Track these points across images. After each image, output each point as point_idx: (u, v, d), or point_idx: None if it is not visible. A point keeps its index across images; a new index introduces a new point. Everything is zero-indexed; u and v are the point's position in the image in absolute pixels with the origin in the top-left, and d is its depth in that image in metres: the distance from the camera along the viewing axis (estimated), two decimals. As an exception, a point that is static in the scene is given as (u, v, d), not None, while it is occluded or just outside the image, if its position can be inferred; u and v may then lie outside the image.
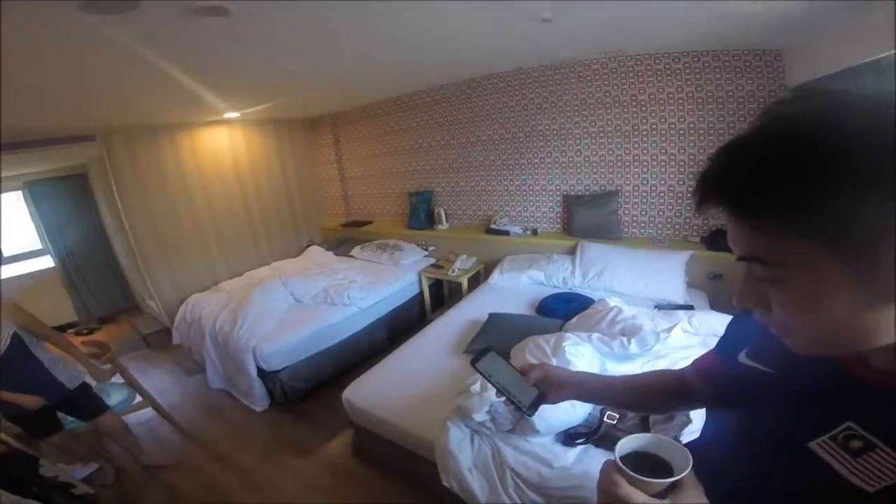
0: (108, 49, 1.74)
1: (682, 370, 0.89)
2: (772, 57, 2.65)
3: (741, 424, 0.63)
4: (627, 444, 0.59)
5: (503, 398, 0.87)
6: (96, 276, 5.31)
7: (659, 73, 3.02)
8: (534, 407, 0.86)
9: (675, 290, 2.86)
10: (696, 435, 0.89)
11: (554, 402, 0.89)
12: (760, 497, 0.57)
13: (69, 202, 5.01)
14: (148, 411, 3.01)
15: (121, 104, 2.90)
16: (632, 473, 0.53)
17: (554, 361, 1.88)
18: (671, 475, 0.54)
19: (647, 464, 0.57)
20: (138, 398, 2.86)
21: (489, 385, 0.89)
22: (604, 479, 0.57)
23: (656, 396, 0.92)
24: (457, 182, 4.30)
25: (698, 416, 1.52)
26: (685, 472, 0.53)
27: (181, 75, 2.32)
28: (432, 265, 4.17)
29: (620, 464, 0.55)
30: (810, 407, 0.53)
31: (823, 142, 0.38)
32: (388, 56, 2.66)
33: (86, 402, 2.34)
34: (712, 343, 2.16)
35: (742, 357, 0.66)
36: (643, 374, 0.97)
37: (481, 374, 0.88)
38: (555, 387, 0.88)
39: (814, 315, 0.43)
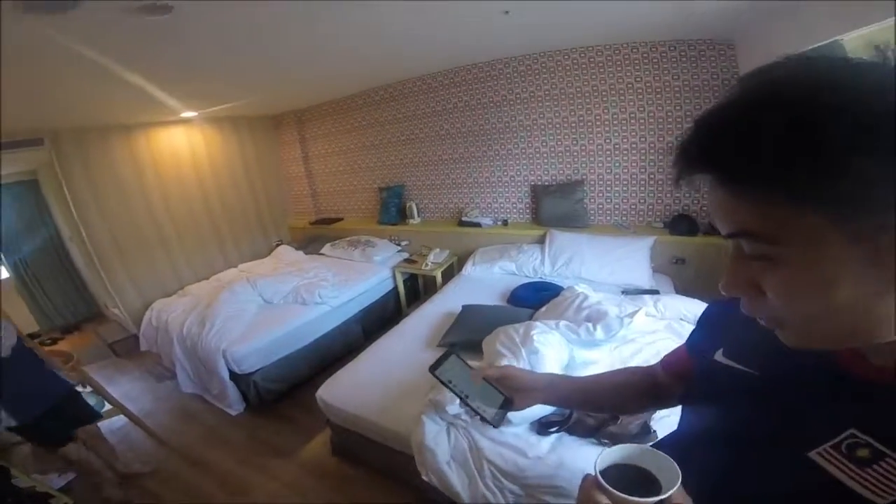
0: (51, 49, 1.68)
1: (651, 367, 0.87)
2: (724, 47, 2.74)
3: (723, 425, 0.59)
4: (609, 456, 0.54)
5: (466, 408, 0.81)
6: (54, 284, 5.09)
7: (618, 63, 3.09)
8: (500, 416, 0.80)
9: (641, 275, 2.95)
10: (670, 420, 0.90)
11: (521, 408, 0.83)
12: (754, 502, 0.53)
13: (19, 210, 4.76)
14: (119, 419, 2.92)
15: (68, 106, 2.80)
16: (614, 491, 0.48)
17: (524, 351, 1.92)
18: (658, 490, 0.49)
19: (631, 478, 0.51)
20: (107, 406, 2.78)
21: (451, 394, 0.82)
22: (583, 496, 0.52)
23: (629, 397, 0.88)
24: (427, 176, 4.30)
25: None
26: (674, 488, 0.47)
27: (129, 75, 2.25)
28: (406, 260, 4.17)
29: (601, 479, 0.50)
30: (804, 411, 0.49)
31: (848, 109, 0.33)
32: (351, 50, 2.63)
33: (82, 406, 2.41)
34: (678, 327, 2.27)
35: (718, 356, 0.62)
36: (613, 372, 0.94)
37: (441, 382, 0.81)
38: (520, 392, 0.83)
39: (816, 301, 0.38)
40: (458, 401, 1.72)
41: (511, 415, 1.70)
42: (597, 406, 0.98)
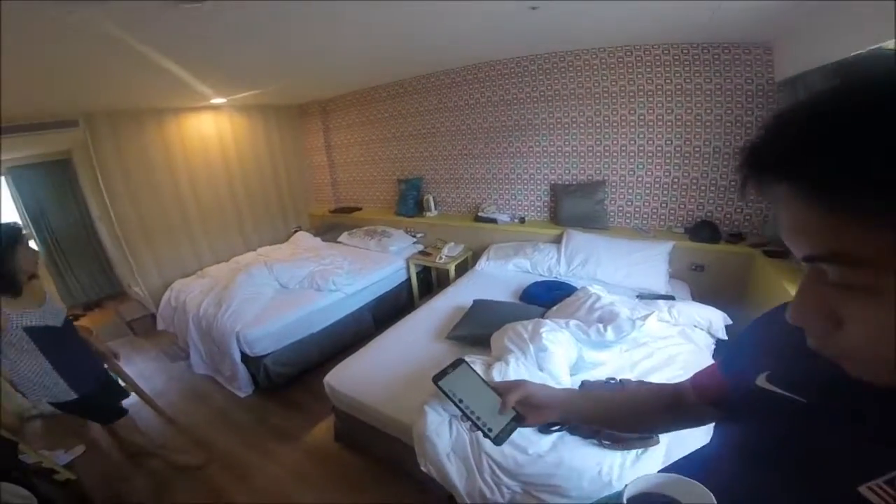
0: (89, 34, 1.73)
1: (678, 386, 0.81)
2: (761, 51, 2.65)
3: (765, 453, 0.55)
4: (637, 485, 0.50)
5: (468, 423, 0.75)
6: (81, 261, 5.25)
7: (648, 64, 3.02)
8: (504, 434, 0.74)
9: (658, 280, 2.89)
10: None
11: (533, 425, 0.79)
12: None
13: (53, 188, 4.93)
14: (132, 397, 2.96)
15: (104, 89, 2.87)
16: None
17: (532, 348, 1.89)
18: None
19: None
20: (121, 383, 2.82)
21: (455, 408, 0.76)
22: None
23: (653, 415, 0.83)
24: (446, 170, 4.29)
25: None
26: None
27: (163, 61, 2.30)
28: (420, 252, 4.18)
29: None
30: (856, 444, 0.45)
31: None
32: (377, 44, 2.66)
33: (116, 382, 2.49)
34: (691, 333, 2.20)
35: (762, 381, 0.57)
36: (634, 390, 0.88)
37: (445, 394, 0.75)
38: (535, 408, 0.78)
39: None
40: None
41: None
42: (618, 425, 0.89)
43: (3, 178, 4.58)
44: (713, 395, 0.72)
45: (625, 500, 0.47)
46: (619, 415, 0.84)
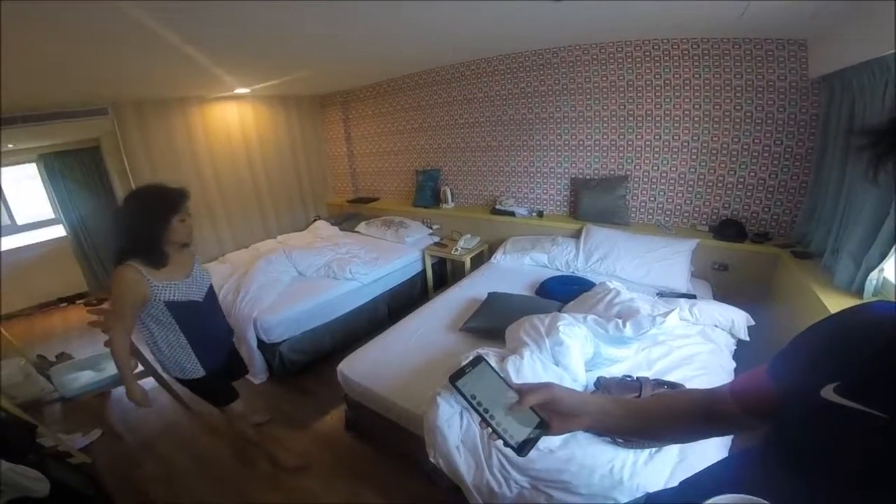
0: (118, 23, 1.75)
1: (715, 392, 0.76)
2: (795, 47, 2.54)
3: (829, 468, 0.50)
4: None
5: (488, 430, 0.66)
6: (108, 247, 5.37)
7: (676, 59, 2.94)
8: (528, 445, 0.66)
9: (679, 278, 2.82)
10: None
11: (558, 434, 0.71)
12: None
13: (82, 174, 5.09)
14: (149, 382, 2.97)
15: (131, 78, 2.92)
16: None
17: (548, 342, 1.86)
18: None
19: None
20: (139, 367, 2.84)
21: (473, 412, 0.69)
22: None
23: (685, 424, 0.77)
24: (464, 162, 4.27)
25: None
26: None
27: (190, 50, 2.32)
28: (436, 243, 4.17)
29: None
30: None
31: None
32: (399, 35, 2.64)
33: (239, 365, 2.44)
34: (712, 333, 2.16)
35: (828, 393, 0.51)
36: (667, 396, 0.82)
37: (464, 396, 0.68)
38: (563, 415, 0.71)
39: None
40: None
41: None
42: (652, 434, 0.84)
43: (33, 165, 4.72)
44: (758, 406, 0.66)
45: None
46: (651, 425, 0.79)
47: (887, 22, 1.61)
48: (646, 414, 0.79)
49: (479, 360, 0.74)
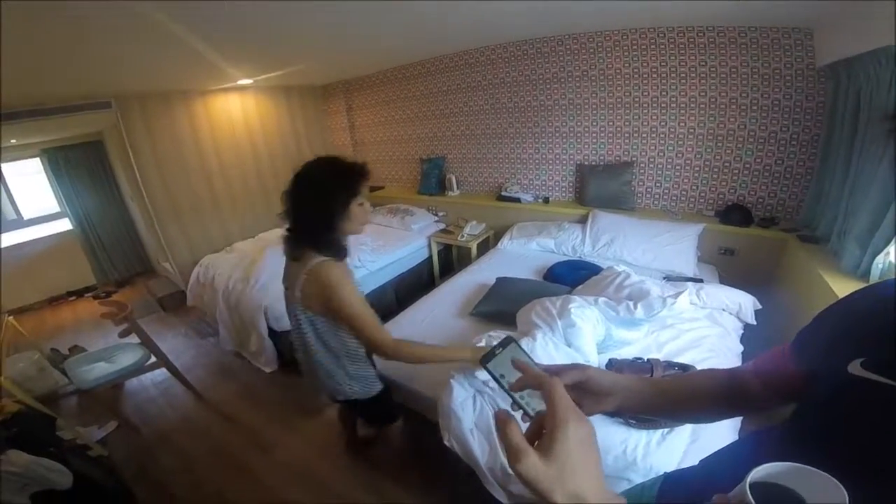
0: (120, 16, 1.75)
1: (737, 371, 0.76)
2: (802, 35, 2.54)
3: (855, 443, 0.49)
4: (762, 472, 0.44)
5: (520, 412, 0.64)
6: (113, 239, 5.42)
7: (682, 46, 2.93)
8: None
9: (686, 262, 2.83)
10: None
11: (589, 414, 0.68)
12: None
13: (86, 168, 5.09)
14: (162, 373, 3.06)
15: (134, 71, 2.91)
16: None
17: (560, 324, 1.88)
18: None
19: (780, 502, 0.43)
20: (152, 359, 2.88)
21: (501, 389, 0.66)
22: None
23: (711, 405, 0.77)
24: (469, 149, 4.27)
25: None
26: None
27: (193, 41, 2.31)
28: (442, 230, 4.20)
29: (750, 497, 0.40)
30: None
31: None
32: (403, 22, 2.62)
33: None
34: (720, 317, 2.17)
35: (855, 368, 0.50)
36: (689, 376, 0.83)
37: (495, 379, 0.66)
38: (594, 395, 0.71)
39: None
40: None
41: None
42: (677, 413, 0.83)
43: (36, 160, 4.72)
44: (783, 385, 0.66)
45: (748, 484, 0.42)
46: (676, 404, 0.78)
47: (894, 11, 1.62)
48: (671, 394, 0.79)
49: (508, 340, 0.71)
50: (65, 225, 5.17)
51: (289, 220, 1.56)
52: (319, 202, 1.49)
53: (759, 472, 0.43)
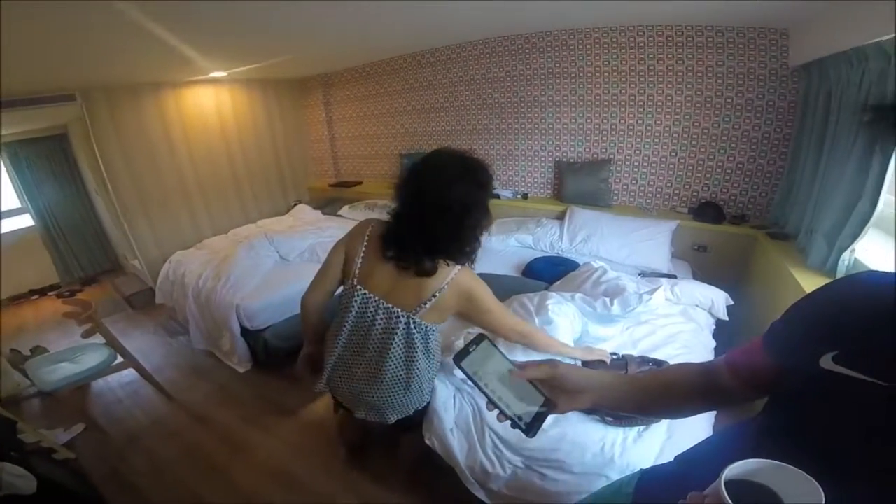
0: (84, 6, 1.67)
1: (710, 365, 0.77)
2: (777, 35, 2.59)
3: (826, 437, 0.50)
4: (737, 469, 0.43)
5: (496, 411, 0.66)
6: (78, 236, 5.24)
7: (660, 45, 2.96)
8: (536, 425, 0.66)
9: (660, 259, 2.87)
10: None
11: (562, 412, 0.72)
12: None
13: (49, 162, 4.90)
14: (130, 373, 2.95)
15: (101, 63, 2.80)
16: None
17: (537, 320, 1.87)
18: None
19: (754, 499, 0.42)
20: (119, 359, 2.78)
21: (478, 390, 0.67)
22: None
23: (684, 398, 0.77)
24: (449, 144, 4.18)
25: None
26: None
27: (162, 32, 2.22)
28: (422, 226, 4.13)
29: (726, 495, 0.40)
30: None
31: None
32: (382, 17, 2.57)
33: None
34: (693, 313, 2.20)
35: (826, 362, 0.51)
36: (663, 371, 0.84)
37: (469, 378, 0.67)
38: (568, 393, 0.71)
39: None
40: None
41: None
42: (652, 408, 0.83)
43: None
44: (754, 377, 0.67)
45: (723, 482, 0.42)
46: (651, 399, 0.79)
47: (867, 14, 1.66)
48: (645, 389, 0.79)
49: (481, 338, 0.72)
50: (26, 221, 4.95)
51: (417, 224, 1.34)
52: (471, 209, 1.33)
53: (733, 470, 0.43)
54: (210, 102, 4.36)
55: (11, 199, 4.91)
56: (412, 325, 1.44)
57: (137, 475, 2.32)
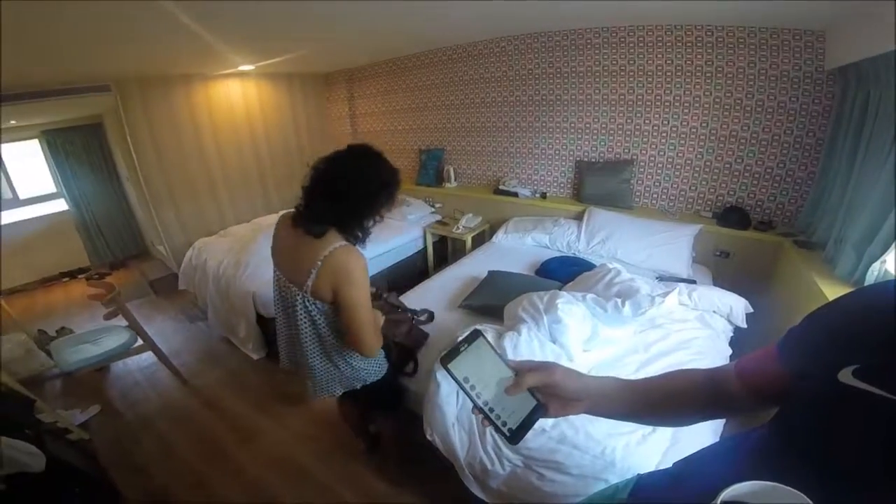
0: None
1: (718, 371, 0.73)
2: (813, 38, 2.48)
3: (841, 454, 0.46)
4: (734, 492, 0.42)
5: (480, 416, 0.62)
6: (109, 221, 5.40)
7: (689, 45, 2.88)
8: (521, 432, 0.62)
9: (680, 263, 2.80)
10: None
11: (555, 416, 0.68)
12: None
13: (84, 150, 5.07)
14: (148, 357, 3.04)
15: (135, 55, 2.89)
16: None
17: (546, 319, 1.85)
18: None
19: None
20: (139, 342, 2.84)
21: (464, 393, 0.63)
22: None
23: (688, 406, 0.73)
24: (468, 142, 4.23)
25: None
26: None
27: (195, 26, 2.28)
28: (438, 222, 4.18)
29: None
30: None
31: None
32: (406, 12, 2.58)
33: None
34: (710, 319, 2.13)
35: (846, 376, 0.47)
36: (666, 376, 0.78)
37: (455, 380, 0.62)
38: (562, 399, 0.68)
39: None
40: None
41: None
42: (652, 417, 0.79)
43: (35, 141, 4.70)
44: (765, 387, 0.63)
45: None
46: (654, 407, 0.74)
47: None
48: (646, 397, 0.75)
49: (475, 335, 0.68)
50: (60, 206, 5.14)
51: (318, 194, 1.46)
52: (372, 190, 1.46)
53: (731, 492, 0.42)
54: (238, 95, 4.45)
55: (47, 184, 5.12)
56: (307, 302, 1.48)
57: (147, 458, 2.37)
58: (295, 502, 2.08)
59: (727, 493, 0.41)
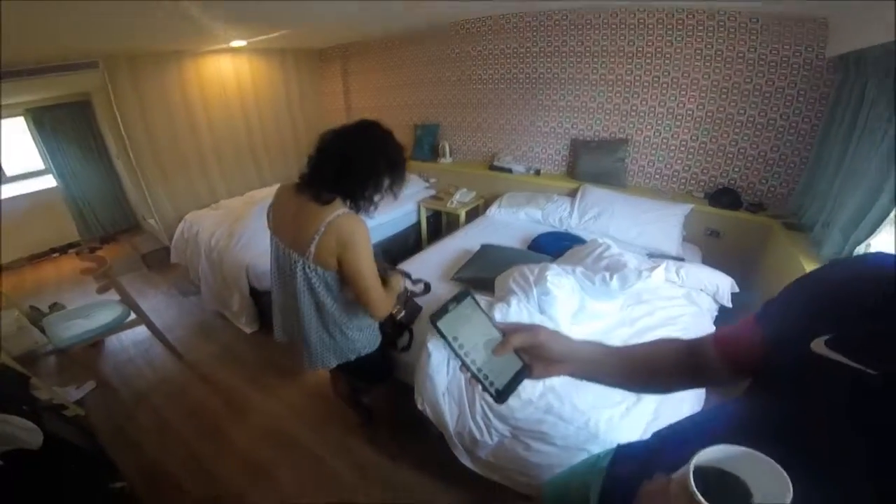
0: None
1: (697, 341, 0.74)
2: (815, 25, 2.46)
3: (811, 424, 0.47)
4: (706, 455, 0.42)
5: (468, 374, 0.63)
6: (99, 196, 5.36)
7: (690, 28, 2.85)
8: (507, 392, 0.64)
9: (670, 241, 2.82)
10: None
11: (539, 378, 0.70)
12: None
13: (73, 127, 4.99)
14: (142, 332, 3.02)
15: (123, 31, 2.80)
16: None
17: (535, 291, 1.87)
18: None
19: (721, 487, 0.41)
20: (132, 316, 2.81)
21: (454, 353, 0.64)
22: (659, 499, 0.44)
23: (667, 372, 0.74)
24: (464, 118, 4.21)
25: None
26: None
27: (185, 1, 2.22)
28: (432, 196, 4.19)
29: (693, 485, 0.39)
30: None
31: None
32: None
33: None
34: (697, 297, 2.16)
35: (818, 346, 0.47)
36: (647, 344, 0.81)
37: (444, 338, 0.63)
38: (546, 360, 0.69)
39: None
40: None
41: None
42: (633, 382, 0.80)
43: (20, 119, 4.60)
44: (741, 357, 0.64)
45: (691, 469, 0.41)
46: (635, 373, 0.76)
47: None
48: (629, 363, 0.76)
49: (464, 294, 0.68)
50: (49, 182, 5.06)
51: (327, 163, 1.44)
52: (384, 164, 1.47)
53: (703, 456, 0.42)
54: (229, 71, 4.36)
55: (35, 162, 5.01)
56: (308, 269, 1.47)
57: (142, 433, 2.39)
58: (289, 474, 2.11)
59: (700, 457, 0.42)
